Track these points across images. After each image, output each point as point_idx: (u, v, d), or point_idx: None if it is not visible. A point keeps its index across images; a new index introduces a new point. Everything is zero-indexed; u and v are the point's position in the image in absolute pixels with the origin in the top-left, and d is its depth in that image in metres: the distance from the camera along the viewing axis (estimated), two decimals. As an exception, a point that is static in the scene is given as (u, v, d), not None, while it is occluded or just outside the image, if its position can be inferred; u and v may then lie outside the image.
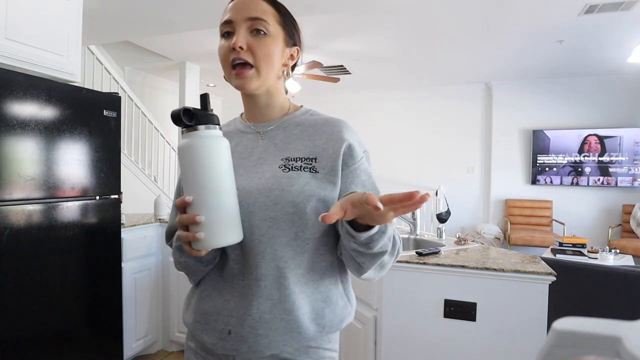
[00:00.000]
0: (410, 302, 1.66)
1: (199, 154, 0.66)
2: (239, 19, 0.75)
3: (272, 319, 0.73)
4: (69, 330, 1.91)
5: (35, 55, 1.84)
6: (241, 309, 0.74)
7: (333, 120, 0.81)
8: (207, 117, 0.68)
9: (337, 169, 0.76)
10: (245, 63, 0.74)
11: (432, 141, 6.30)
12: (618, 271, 2.07)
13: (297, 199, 0.72)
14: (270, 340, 0.73)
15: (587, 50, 4.29)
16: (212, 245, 0.67)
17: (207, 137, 0.67)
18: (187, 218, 0.65)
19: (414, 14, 3.44)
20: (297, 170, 0.75)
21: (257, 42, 0.75)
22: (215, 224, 0.66)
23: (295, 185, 0.73)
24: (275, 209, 0.73)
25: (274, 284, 0.73)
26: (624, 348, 0.25)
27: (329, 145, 0.77)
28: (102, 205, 2.07)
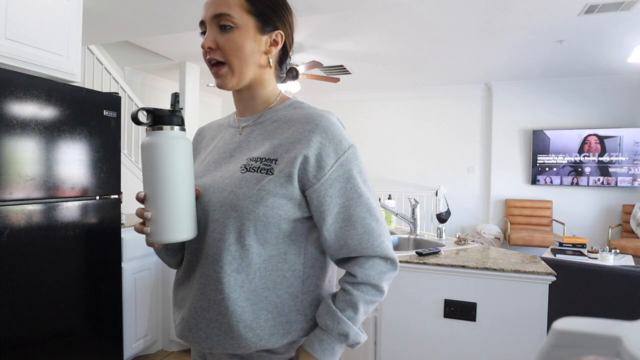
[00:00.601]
0: (410, 302, 1.66)
1: (153, 152, 0.68)
2: (207, 18, 0.75)
3: (209, 317, 0.73)
4: (69, 330, 1.91)
5: (35, 55, 1.84)
6: (190, 299, 0.76)
7: (311, 115, 0.74)
8: (168, 118, 0.69)
9: (292, 178, 0.70)
10: (218, 62, 0.75)
11: (432, 141, 6.30)
12: (618, 271, 2.07)
13: (242, 204, 0.70)
14: (207, 337, 0.73)
15: (587, 50, 4.29)
16: (158, 240, 0.69)
17: (163, 137, 0.69)
18: (139, 212, 0.69)
19: (414, 14, 3.44)
20: (254, 171, 0.72)
21: (224, 38, 0.73)
22: (162, 220, 0.68)
23: (244, 188, 0.71)
24: (220, 211, 0.71)
25: (212, 285, 0.72)
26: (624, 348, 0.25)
27: (293, 147, 0.71)
28: (102, 205, 2.07)
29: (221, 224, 0.71)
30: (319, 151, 0.71)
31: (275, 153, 0.72)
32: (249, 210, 0.69)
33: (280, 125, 0.76)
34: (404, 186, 6.35)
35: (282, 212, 0.71)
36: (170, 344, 2.63)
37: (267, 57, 0.78)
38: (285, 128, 0.75)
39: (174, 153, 0.68)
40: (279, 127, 0.76)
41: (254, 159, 0.74)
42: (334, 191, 0.72)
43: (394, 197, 5.95)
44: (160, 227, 0.68)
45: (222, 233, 0.71)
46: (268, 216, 0.70)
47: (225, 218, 0.71)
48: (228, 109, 7.55)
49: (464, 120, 6.13)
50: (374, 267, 0.74)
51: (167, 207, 0.68)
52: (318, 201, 0.72)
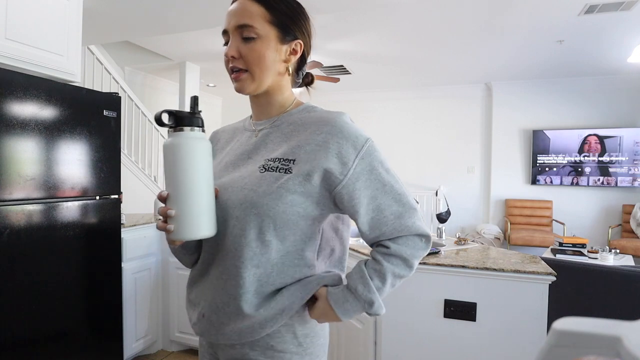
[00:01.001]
0: (410, 302, 1.66)
1: (176, 153, 0.72)
2: (230, 28, 0.78)
3: (230, 312, 0.76)
4: (69, 330, 1.91)
5: (35, 55, 1.84)
6: (209, 296, 0.79)
7: (325, 117, 0.78)
8: (190, 119, 0.72)
9: (311, 177, 0.73)
10: (240, 69, 0.79)
11: (432, 141, 6.30)
12: (618, 271, 2.07)
13: (262, 201, 0.73)
14: (231, 330, 0.76)
15: (587, 50, 4.29)
16: (180, 237, 0.72)
17: (186, 138, 0.72)
18: (162, 211, 0.72)
19: (414, 14, 3.44)
20: (273, 171, 0.75)
21: (247, 48, 0.77)
22: (184, 218, 0.71)
23: (264, 186, 0.74)
24: (241, 208, 0.74)
25: (233, 280, 0.75)
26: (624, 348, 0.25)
27: (312, 148, 0.74)
28: (102, 205, 2.07)
29: (242, 220, 0.74)
30: (339, 150, 0.74)
31: (293, 154, 0.75)
32: (269, 207, 0.73)
33: (297, 128, 0.79)
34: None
35: (300, 210, 0.74)
36: (170, 344, 2.63)
37: (286, 65, 0.81)
38: (302, 130, 0.78)
39: (195, 153, 0.72)
40: (295, 129, 0.79)
41: (273, 160, 0.77)
42: (361, 184, 0.74)
43: (394, 197, 5.93)
44: (182, 224, 0.71)
45: (243, 229, 0.74)
46: (287, 213, 0.73)
47: (246, 215, 0.74)
48: (228, 109, 7.55)
49: (464, 120, 6.13)
50: (407, 243, 0.78)
51: (189, 205, 0.71)
52: (348, 196, 0.75)
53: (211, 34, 4.05)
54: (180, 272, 2.54)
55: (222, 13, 3.08)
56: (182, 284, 2.54)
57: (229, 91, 6.87)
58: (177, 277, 2.55)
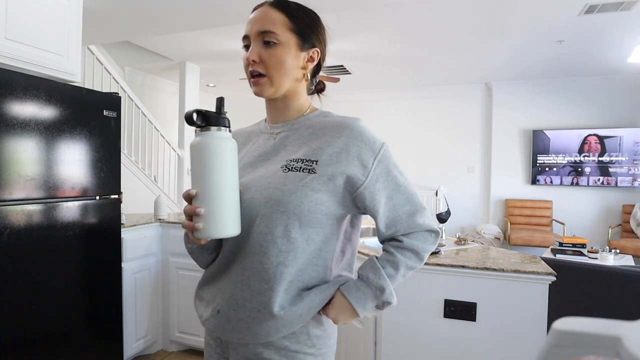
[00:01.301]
0: (410, 302, 1.66)
1: (205, 152, 0.73)
2: (252, 33, 0.81)
3: (251, 307, 0.77)
4: (69, 330, 1.91)
5: (35, 55, 1.84)
6: (228, 292, 0.80)
7: (343, 122, 0.82)
8: (217, 119, 0.74)
9: (335, 177, 0.77)
10: (259, 74, 0.81)
11: (432, 141, 6.30)
12: (618, 271, 2.07)
13: (288, 199, 0.76)
14: (249, 326, 0.77)
15: (587, 50, 4.29)
16: (209, 235, 0.73)
17: (214, 137, 0.73)
18: (189, 209, 0.73)
19: (414, 14, 3.44)
20: (296, 171, 0.78)
21: (268, 53, 0.80)
22: (213, 217, 0.72)
23: (289, 185, 0.77)
24: (267, 206, 0.77)
25: (257, 277, 0.77)
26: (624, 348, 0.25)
27: (335, 152, 0.78)
28: (102, 205, 2.07)
29: (268, 218, 0.76)
30: (358, 153, 0.78)
31: (315, 155, 0.79)
32: (295, 205, 0.75)
33: (315, 131, 0.83)
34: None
35: (324, 208, 0.77)
36: (170, 344, 2.63)
37: (304, 72, 0.85)
38: (321, 134, 0.82)
39: (224, 152, 0.73)
40: (313, 132, 0.83)
41: (295, 160, 0.80)
42: (380, 185, 0.80)
43: (394, 197, 5.94)
44: (211, 223, 0.72)
45: (269, 227, 0.76)
46: (312, 211, 0.76)
47: (272, 212, 0.76)
48: (228, 109, 7.52)
49: (464, 120, 6.13)
50: (418, 238, 0.84)
51: (218, 204, 0.72)
52: (370, 196, 0.79)
53: (211, 34, 4.05)
54: (180, 272, 2.54)
55: (222, 13, 3.08)
56: (182, 284, 2.54)
57: (229, 91, 6.87)
58: (177, 277, 2.55)
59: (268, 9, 0.82)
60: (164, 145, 5.05)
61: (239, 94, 7.08)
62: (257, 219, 0.77)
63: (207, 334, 0.90)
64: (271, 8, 0.82)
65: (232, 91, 6.85)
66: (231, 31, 3.95)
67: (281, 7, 0.82)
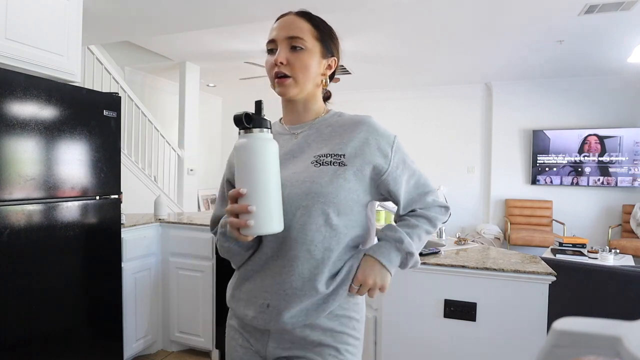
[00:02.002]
0: (410, 302, 1.66)
1: (254, 153, 0.76)
2: (280, 38, 0.88)
3: (302, 294, 0.83)
4: (69, 330, 1.91)
5: (35, 55, 1.84)
6: (276, 285, 0.85)
7: (359, 119, 0.91)
8: (262, 122, 0.78)
9: (363, 168, 0.86)
10: (285, 75, 0.87)
11: (432, 141, 6.30)
12: (618, 271, 2.07)
13: (326, 190, 0.83)
14: (301, 312, 0.84)
15: (587, 50, 4.29)
16: (258, 232, 0.76)
17: (261, 139, 0.77)
18: (240, 207, 0.75)
19: (414, 14, 3.44)
20: (327, 164, 0.85)
21: (295, 56, 0.87)
22: (263, 214, 0.75)
23: (325, 177, 0.84)
24: (307, 199, 0.83)
25: (305, 265, 0.83)
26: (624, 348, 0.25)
27: (358, 145, 0.87)
28: (102, 205, 2.07)
29: (309, 209, 0.83)
30: (378, 145, 0.88)
31: (340, 149, 0.87)
32: (333, 195, 0.83)
33: (335, 129, 0.91)
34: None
35: (355, 196, 0.86)
36: (170, 344, 2.63)
37: (323, 78, 0.94)
38: (341, 131, 0.90)
39: (270, 153, 0.77)
40: (333, 130, 0.91)
41: (324, 155, 0.87)
42: (400, 171, 0.90)
43: (394, 197, 5.94)
44: (260, 220, 0.75)
45: (312, 217, 0.83)
46: (347, 200, 0.84)
47: (313, 204, 0.82)
48: (228, 109, 7.56)
49: (464, 120, 6.13)
50: (431, 209, 0.95)
51: (267, 201, 0.76)
52: (393, 181, 0.89)
53: (211, 34, 4.05)
54: (180, 272, 2.54)
55: (222, 13, 3.08)
56: (182, 284, 2.54)
57: (229, 91, 6.87)
58: (177, 277, 2.55)
59: (295, 18, 0.90)
60: (164, 145, 5.05)
61: (239, 94, 7.07)
62: (298, 212, 0.83)
63: (232, 330, 0.95)
64: (298, 17, 0.90)
65: (232, 91, 6.85)
66: (231, 31, 3.96)
67: (307, 17, 0.91)
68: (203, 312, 2.48)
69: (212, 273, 2.44)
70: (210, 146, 7.34)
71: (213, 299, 2.44)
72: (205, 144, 7.04)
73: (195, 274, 2.49)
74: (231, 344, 0.95)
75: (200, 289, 2.48)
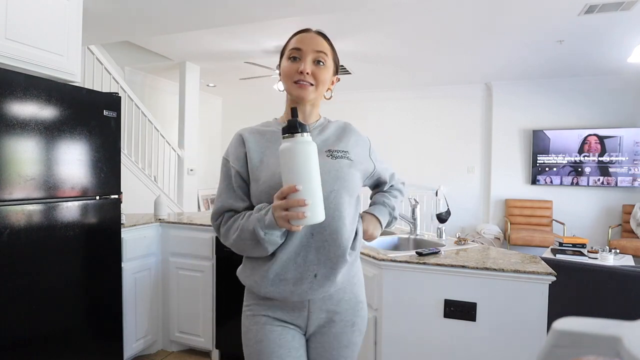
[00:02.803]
0: (410, 302, 1.66)
1: (303, 154, 0.86)
2: (307, 49, 1.03)
3: (337, 260, 1.01)
4: (68, 330, 1.91)
5: (35, 55, 1.84)
6: (322, 257, 1.00)
7: (345, 126, 1.16)
8: (304, 127, 0.88)
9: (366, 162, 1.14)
10: (307, 82, 1.03)
11: (432, 141, 6.30)
12: (618, 271, 2.07)
13: (347, 177, 1.04)
14: (343, 276, 1.03)
15: (587, 50, 4.29)
16: (313, 221, 0.87)
17: (308, 142, 0.88)
18: (296, 202, 0.85)
19: (414, 14, 3.44)
20: (341, 158, 1.06)
21: (319, 70, 1.05)
22: (313, 207, 0.86)
23: (344, 168, 1.04)
24: (337, 184, 1.01)
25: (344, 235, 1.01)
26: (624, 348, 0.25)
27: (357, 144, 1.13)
28: (102, 205, 2.07)
29: (339, 192, 1.01)
30: (363, 146, 1.15)
31: (344, 147, 1.09)
32: (351, 180, 1.05)
33: (334, 130, 1.13)
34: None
35: (359, 182, 1.10)
36: (170, 344, 2.63)
37: (329, 91, 1.13)
38: (336, 132, 1.12)
39: (314, 153, 0.88)
40: (333, 131, 1.12)
41: (335, 151, 1.07)
42: (379, 164, 1.20)
43: (394, 197, 5.94)
44: (313, 212, 0.86)
45: (342, 198, 1.02)
46: (356, 184, 1.07)
47: (340, 187, 1.01)
48: (228, 108, 7.56)
49: (464, 120, 6.13)
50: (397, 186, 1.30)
51: (316, 195, 0.87)
52: (380, 169, 1.21)
53: (211, 34, 4.05)
54: (180, 272, 2.54)
55: (222, 13, 3.08)
56: (182, 284, 2.54)
57: (229, 91, 6.87)
58: (177, 277, 2.55)
59: (318, 37, 1.07)
60: (164, 145, 5.05)
61: (239, 94, 7.07)
62: (331, 195, 1.00)
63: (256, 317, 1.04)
64: (320, 36, 1.07)
65: (232, 91, 6.85)
66: (231, 31, 3.96)
67: (326, 39, 1.09)
68: (203, 312, 2.48)
69: (212, 273, 2.44)
70: (210, 146, 7.34)
71: (213, 299, 2.44)
72: (205, 144, 7.04)
73: (195, 274, 2.49)
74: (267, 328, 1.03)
75: (200, 289, 2.48)
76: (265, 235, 0.93)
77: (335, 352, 1.06)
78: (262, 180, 1.00)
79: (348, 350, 1.08)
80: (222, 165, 1.09)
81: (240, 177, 1.04)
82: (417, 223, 2.21)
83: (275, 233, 0.94)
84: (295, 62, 1.03)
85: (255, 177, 1.01)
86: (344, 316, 1.06)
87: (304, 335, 1.07)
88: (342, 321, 1.06)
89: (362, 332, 1.12)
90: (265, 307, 1.04)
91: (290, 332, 1.03)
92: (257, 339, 1.02)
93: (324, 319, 1.05)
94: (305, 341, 1.07)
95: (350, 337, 1.08)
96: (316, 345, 1.06)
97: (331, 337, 1.06)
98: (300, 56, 1.03)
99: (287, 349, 1.01)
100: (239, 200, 1.03)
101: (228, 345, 2.42)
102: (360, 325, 1.10)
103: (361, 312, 1.10)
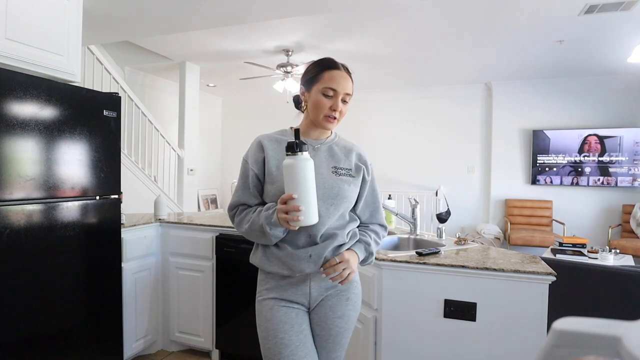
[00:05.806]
0: (410, 302, 1.66)
1: (302, 169, 1.08)
2: (340, 91, 1.23)
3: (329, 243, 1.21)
4: (68, 330, 1.91)
5: (35, 55, 1.84)
6: (313, 242, 1.21)
7: (350, 146, 1.34)
8: (303, 146, 1.10)
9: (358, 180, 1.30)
10: (336, 118, 1.25)
11: (432, 141, 6.30)
12: (618, 271, 2.07)
13: (347, 194, 1.25)
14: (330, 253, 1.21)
15: (587, 50, 4.29)
16: (305, 224, 1.10)
17: (305, 159, 1.09)
18: (293, 207, 1.08)
19: (414, 14, 3.44)
20: (343, 175, 1.26)
21: (344, 107, 1.26)
22: (307, 212, 1.09)
23: (345, 185, 1.25)
24: (337, 199, 1.23)
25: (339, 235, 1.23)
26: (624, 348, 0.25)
27: (353, 163, 1.30)
28: (102, 205, 2.07)
29: (337, 205, 1.22)
30: (365, 165, 1.32)
31: (348, 165, 1.28)
32: (350, 196, 1.26)
33: (341, 148, 1.32)
34: (404, 186, 6.35)
35: (354, 197, 1.29)
36: (170, 344, 2.63)
37: None
38: (346, 151, 1.31)
39: (311, 169, 1.10)
40: (340, 149, 1.31)
41: (340, 168, 1.27)
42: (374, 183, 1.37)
43: (394, 197, 5.93)
44: (306, 215, 1.09)
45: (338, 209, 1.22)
46: (351, 199, 1.27)
47: (339, 202, 1.23)
48: (228, 108, 7.57)
49: (464, 121, 6.13)
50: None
51: (311, 202, 1.09)
52: (371, 189, 1.35)
53: (211, 34, 4.05)
54: (180, 272, 2.54)
55: (222, 13, 3.08)
56: (182, 284, 2.54)
57: (229, 91, 6.87)
58: (177, 277, 2.55)
59: (348, 79, 1.26)
60: (164, 145, 5.05)
61: (239, 94, 7.07)
62: (331, 207, 1.21)
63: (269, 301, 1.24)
64: (348, 76, 1.26)
65: (232, 91, 6.85)
66: (231, 31, 3.95)
67: (350, 75, 1.28)
68: (203, 312, 2.48)
69: (212, 273, 2.44)
70: (210, 146, 7.34)
71: (213, 299, 2.44)
72: (205, 144, 7.04)
73: (195, 274, 2.49)
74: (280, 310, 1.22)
75: (200, 289, 2.48)
76: (270, 230, 1.16)
77: (330, 321, 1.24)
78: (277, 184, 1.20)
79: (342, 321, 1.25)
80: (242, 165, 1.30)
81: (256, 178, 1.25)
82: (417, 223, 2.21)
83: (278, 229, 1.17)
84: (328, 99, 1.23)
85: (271, 180, 1.22)
86: (339, 291, 1.27)
87: (307, 312, 1.26)
88: (337, 295, 1.26)
89: (355, 307, 1.30)
90: (274, 291, 1.24)
91: (294, 310, 1.23)
92: (266, 318, 1.23)
93: (323, 295, 1.25)
94: (308, 317, 1.26)
95: (345, 309, 1.26)
96: (314, 317, 1.26)
97: (327, 309, 1.25)
98: (335, 95, 1.23)
99: (290, 325, 1.21)
100: (252, 198, 1.26)
101: (228, 345, 2.41)
102: (353, 301, 1.29)
103: (355, 289, 1.30)
